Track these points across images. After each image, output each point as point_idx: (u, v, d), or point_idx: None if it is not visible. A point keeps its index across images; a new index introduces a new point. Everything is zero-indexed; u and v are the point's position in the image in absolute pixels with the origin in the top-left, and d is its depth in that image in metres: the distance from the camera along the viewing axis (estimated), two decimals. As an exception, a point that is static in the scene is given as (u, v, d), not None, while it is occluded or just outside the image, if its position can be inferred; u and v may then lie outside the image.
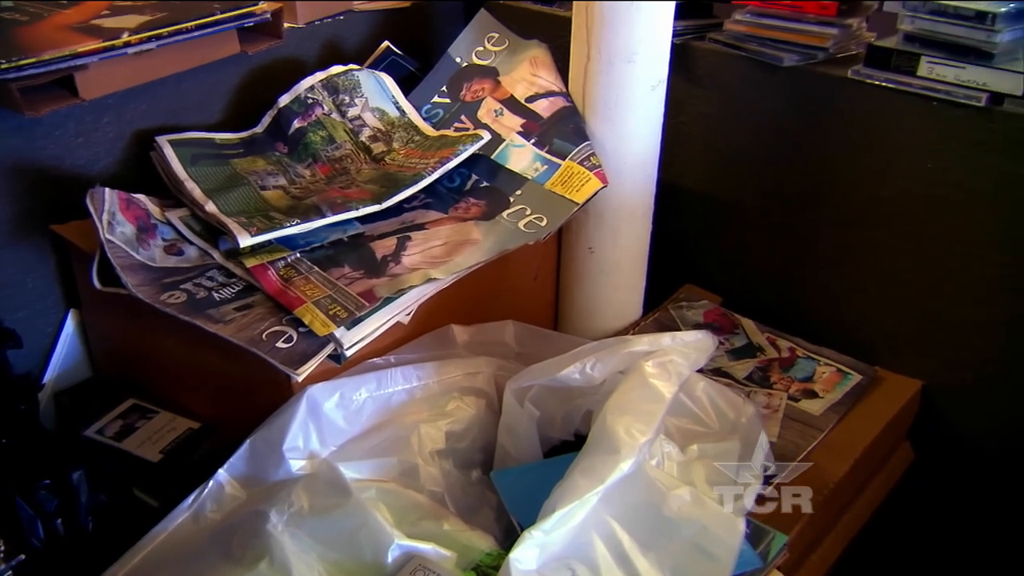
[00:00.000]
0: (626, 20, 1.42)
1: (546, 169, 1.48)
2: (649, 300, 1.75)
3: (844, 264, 1.64)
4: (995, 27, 1.34)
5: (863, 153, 1.54)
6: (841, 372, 1.59)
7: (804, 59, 1.55)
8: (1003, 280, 1.45)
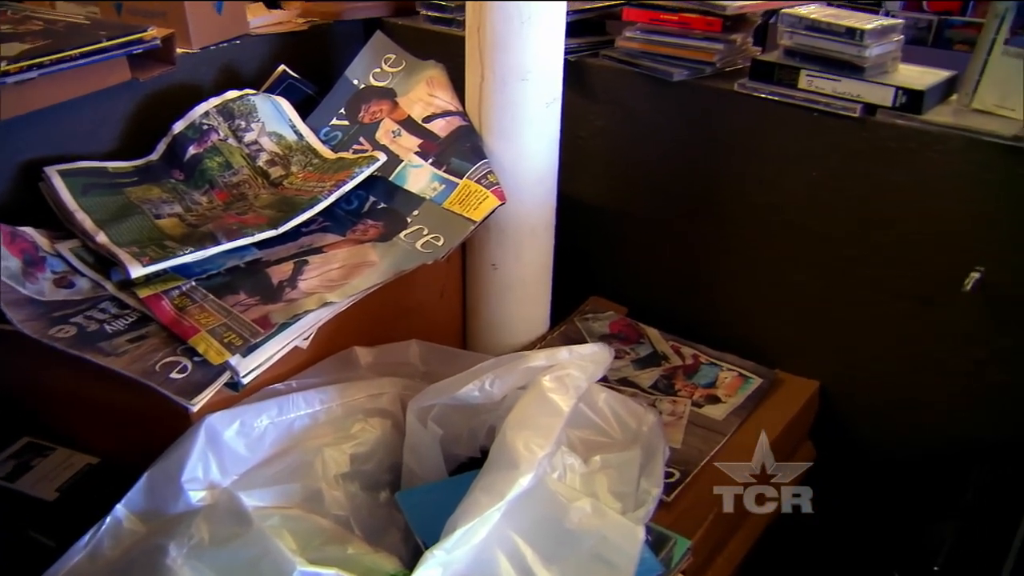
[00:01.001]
0: (517, 40, 1.44)
1: (444, 188, 1.50)
2: (556, 313, 1.78)
3: (742, 271, 1.69)
4: (864, 42, 1.40)
5: (753, 163, 1.59)
6: (743, 376, 1.64)
7: (693, 74, 1.59)
8: (884, 282, 1.52)
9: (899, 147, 1.42)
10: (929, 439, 1.58)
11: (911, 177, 1.43)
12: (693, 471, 1.42)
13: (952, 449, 1.55)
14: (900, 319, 1.53)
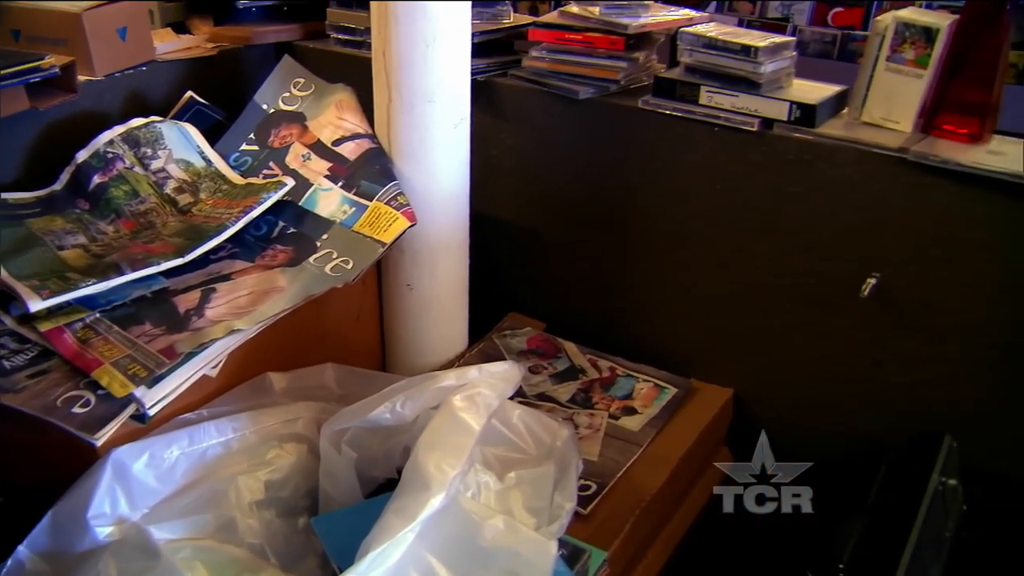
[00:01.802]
0: (422, 63, 1.45)
1: (354, 211, 1.50)
2: (475, 330, 1.79)
3: (654, 283, 1.72)
4: (758, 59, 1.45)
5: (660, 177, 1.63)
6: (658, 387, 1.67)
7: (599, 91, 1.63)
8: (788, 290, 1.56)
9: (796, 159, 1.47)
10: (839, 440, 1.63)
11: (808, 188, 1.48)
12: (610, 483, 1.44)
13: (861, 449, 1.60)
14: (805, 325, 1.58)
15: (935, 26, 1.38)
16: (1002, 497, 1.47)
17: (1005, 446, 1.47)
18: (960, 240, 1.39)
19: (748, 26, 3.24)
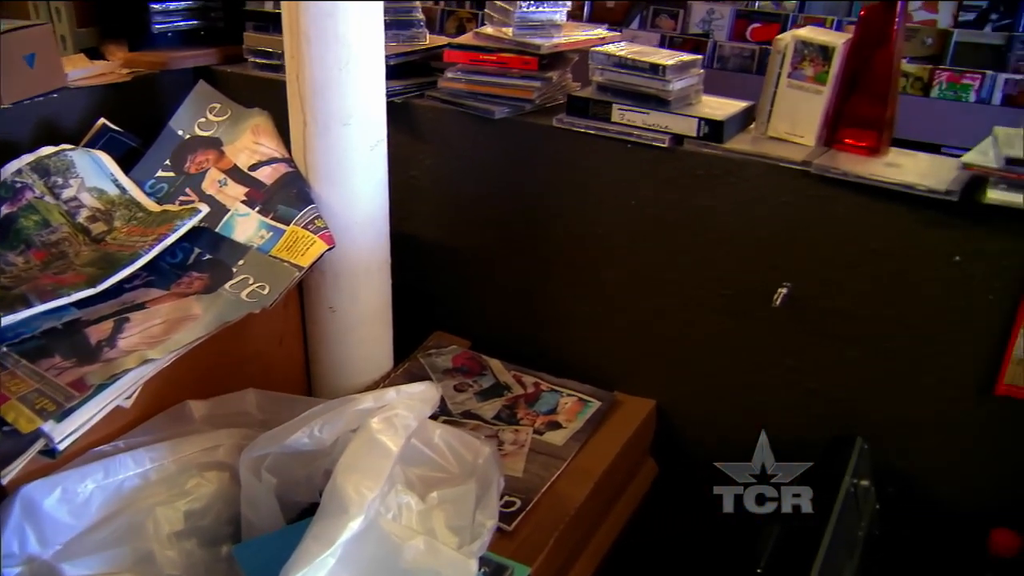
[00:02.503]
0: (337, 86, 1.46)
1: (271, 236, 1.50)
2: (401, 350, 1.79)
3: (575, 298, 1.75)
4: (666, 77, 1.48)
5: (577, 194, 1.65)
6: (582, 401, 1.69)
7: (514, 111, 1.65)
8: (705, 301, 1.60)
9: (705, 174, 1.51)
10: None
11: (718, 202, 1.52)
12: (534, 498, 1.45)
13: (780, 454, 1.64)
14: (722, 335, 1.62)
15: (831, 45, 1.43)
16: (912, 495, 1.52)
17: (913, 446, 1.52)
18: (862, 249, 1.44)
19: (670, 42, 3.31)
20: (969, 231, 1.36)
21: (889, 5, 1.40)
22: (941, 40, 2.91)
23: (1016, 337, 1.38)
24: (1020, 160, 1.29)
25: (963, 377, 1.45)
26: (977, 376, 1.43)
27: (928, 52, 2.93)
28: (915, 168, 1.42)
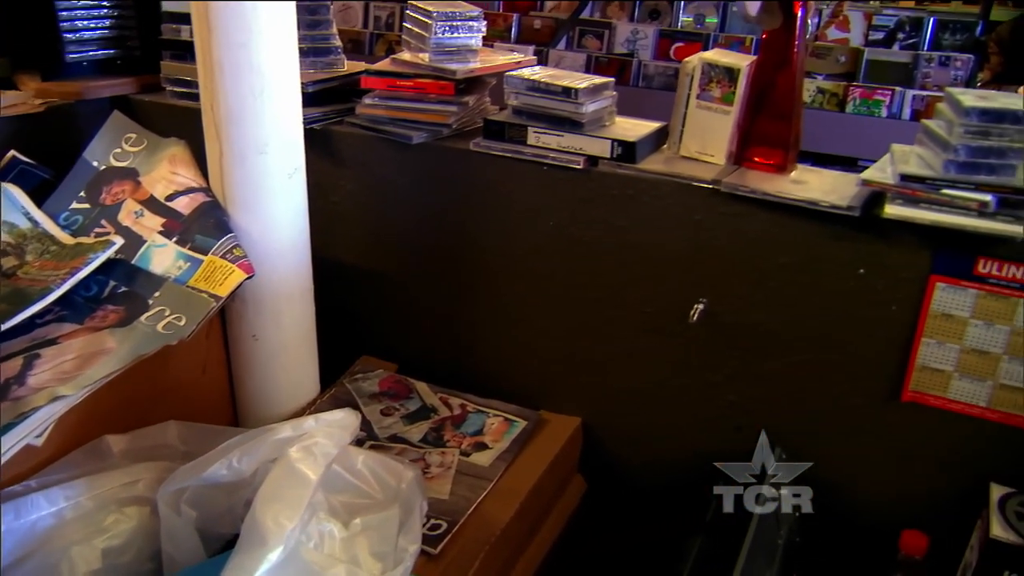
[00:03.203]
0: (252, 114, 1.46)
1: (189, 267, 1.49)
2: (329, 375, 1.79)
3: (499, 319, 1.77)
4: (579, 100, 1.51)
5: (497, 217, 1.68)
6: (508, 421, 1.70)
7: (432, 136, 1.67)
8: (625, 318, 1.63)
9: (620, 194, 1.54)
10: (685, 459, 1.70)
11: (634, 221, 1.55)
12: (460, 520, 1.46)
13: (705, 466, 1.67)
14: (643, 352, 1.65)
15: (736, 66, 1.48)
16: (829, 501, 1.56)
17: (828, 453, 1.56)
18: (773, 264, 1.48)
19: (596, 62, 3.37)
20: (871, 245, 1.42)
21: (789, 29, 1.45)
22: (854, 58, 3.01)
23: (918, 345, 1.43)
24: (914, 176, 1.34)
25: (872, 385, 1.50)
26: (884, 384, 1.48)
27: (842, 69, 3.03)
28: (820, 185, 1.47)
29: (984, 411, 1.43)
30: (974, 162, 1.31)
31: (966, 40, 2.97)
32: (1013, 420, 1.42)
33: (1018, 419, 1.41)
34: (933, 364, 1.44)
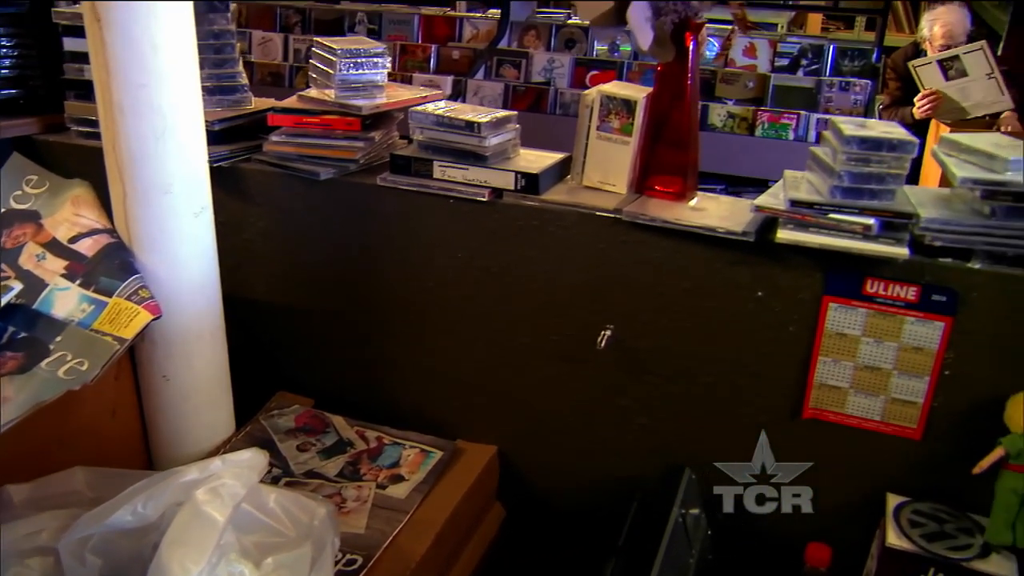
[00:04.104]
0: (155, 155, 1.45)
1: (93, 310, 1.47)
2: (245, 412, 1.78)
3: (413, 351, 1.78)
4: (482, 134, 1.54)
5: (407, 250, 1.69)
6: (424, 452, 1.71)
7: (339, 171, 1.68)
8: (536, 346, 1.66)
9: (526, 225, 1.57)
10: (602, 484, 1.73)
11: (540, 251, 1.58)
12: (376, 554, 1.46)
13: (621, 490, 1.70)
14: (555, 379, 1.67)
15: (633, 99, 1.52)
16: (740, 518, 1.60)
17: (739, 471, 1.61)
18: (676, 290, 1.53)
19: (514, 91, 3.42)
20: (767, 268, 1.47)
21: (682, 61, 1.50)
22: (761, 84, 3.11)
23: (815, 364, 1.49)
24: (803, 201, 1.40)
25: (775, 404, 1.54)
26: (787, 402, 1.53)
27: (751, 95, 3.13)
28: (717, 211, 1.52)
29: (879, 425, 1.49)
30: (857, 187, 1.38)
31: (864, 66, 3.10)
32: (906, 432, 1.48)
33: (910, 431, 1.47)
34: (830, 381, 1.50)
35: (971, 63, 2.88)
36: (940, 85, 2.92)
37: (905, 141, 1.37)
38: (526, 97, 3.33)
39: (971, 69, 2.88)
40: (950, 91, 2.92)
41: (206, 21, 1.73)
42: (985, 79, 2.90)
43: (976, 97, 2.93)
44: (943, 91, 2.91)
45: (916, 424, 1.47)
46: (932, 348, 1.43)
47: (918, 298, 1.41)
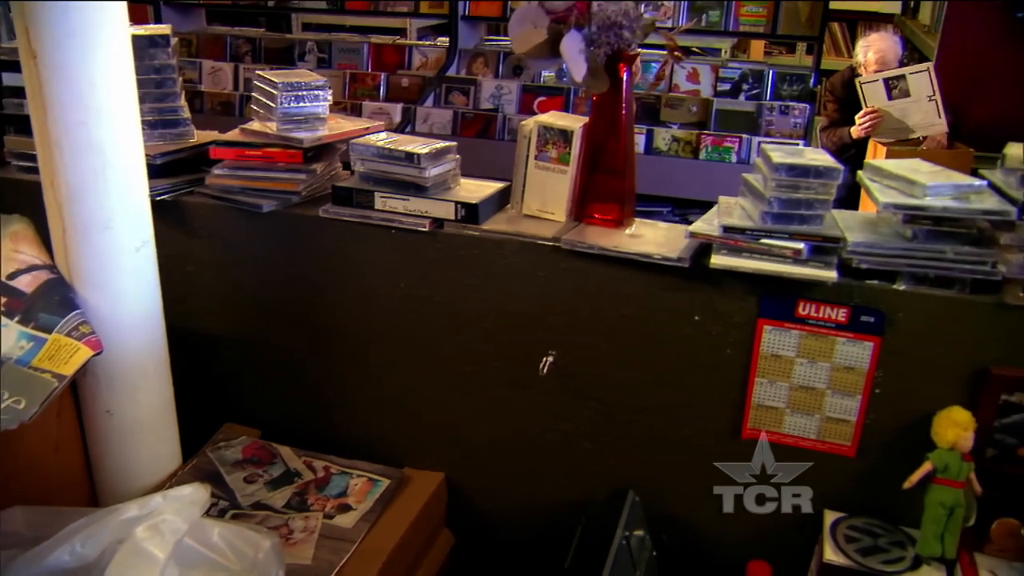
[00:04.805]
0: (94, 191, 1.46)
1: (32, 346, 1.46)
2: (192, 444, 1.77)
3: (359, 380, 1.79)
4: (422, 165, 1.57)
5: (351, 280, 1.71)
6: (372, 480, 1.72)
7: (282, 203, 1.69)
8: (481, 373, 1.68)
9: (467, 254, 1.59)
10: (549, 507, 1.75)
11: (482, 279, 1.60)
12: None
13: (568, 513, 1.72)
14: (500, 405, 1.69)
15: (570, 128, 1.56)
16: (684, 539, 1.63)
17: (679, 492, 1.63)
18: (615, 315, 1.56)
19: (463, 117, 3.45)
20: (703, 293, 1.50)
21: (616, 91, 1.53)
22: (704, 108, 3.17)
23: (752, 385, 1.52)
24: (735, 227, 1.44)
25: (715, 425, 1.58)
26: (727, 423, 1.57)
27: (694, 119, 3.19)
28: (654, 238, 1.56)
29: (815, 443, 1.53)
30: (787, 213, 1.42)
31: (802, 90, 3.18)
32: (841, 450, 1.52)
33: (845, 448, 1.51)
34: (767, 402, 1.53)
35: (915, 84, 2.97)
36: (882, 104, 3.01)
37: (831, 168, 1.41)
38: (475, 124, 3.36)
39: (914, 90, 2.97)
40: (891, 110, 3.01)
41: (147, 56, 1.74)
42: (926, 101, 2.99)
43: (915, 118, 3.02)
44: (885, 110, 3.00)
45: (850, 441, 1.51)
46: (863, 367, 1.47)
47: (848, 319, 1.45)
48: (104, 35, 1.42)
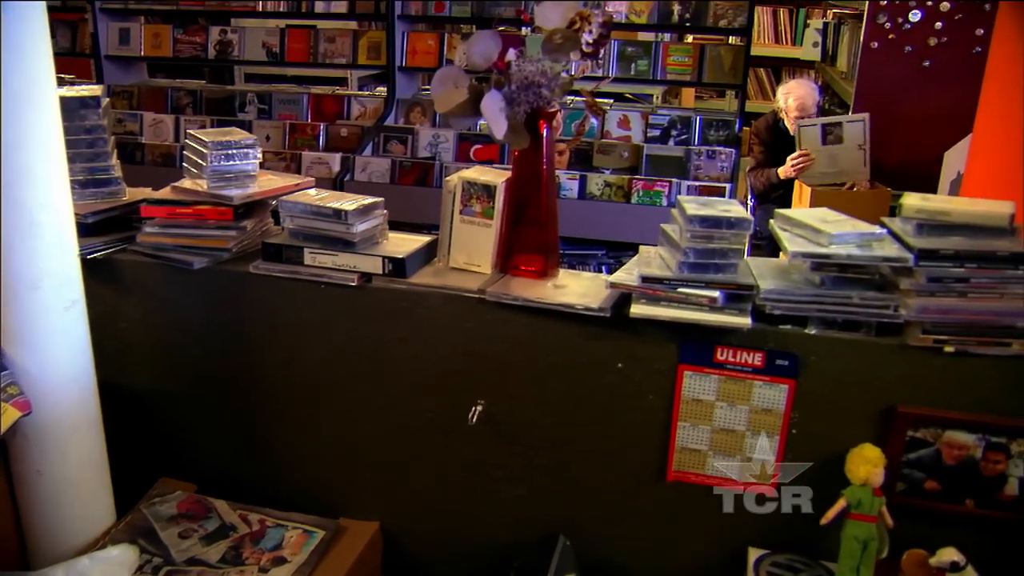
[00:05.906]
0: (20, 252, 1.47)
1: (-42, 411, 1.46)
2: (127, 501, 1.77)
3: (294, 433, 1.81)
4: (349, 221, 1.60)
5: (283, 335, 1.73)
6: (307, 532, 1.73)
7: (213, 260, 1.71)
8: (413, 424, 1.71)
9: (395, 307, 1.63)
10: (484, 553, 1.77)
11: (410, 332, 1.64)
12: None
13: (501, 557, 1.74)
14: (432, 454, 1.73)
15: (493, 183, 1.61)
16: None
17: (608, 535, 1.67)
18: (541, 364, 1.60)
19: (400, 166, 3.49)
20: (625, 341, 1.56)
21: (537, 147, 1.59)
22: (636, 154, 3.26)
23: (676, 429, 1.57)
24: (653, 277, 1.49)
25: (641, 469, 1.62)
26: (652, 467, 1.61)
27: (626, 164, 3.27)
28: (578, 288, 1.61)
29: (737, 483, 1.58)
30: (702, 263, 1.48)
31: (728, 135, 3.29)
32: (762, 488, 1.57)
33: (766, 487, 1.56)
34: (691, 445, 1.58)
35: (850, 132, 3.10)
36: (815, 148, 3.13)
37: (742, 219, 1.48)
38: (413, 172, 3.40)
39: (848, 138, 3.10)
40: (822, 155, 3.13)
41: (78, 117, 1.76)
42: (856, 149, 3.12)
43: (842, 165, 3.14)
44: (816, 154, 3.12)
45: (770, 480, 1.57)
46: (779, 409, 1.53)
47: (764, 363, 1.52)
48: (30, 97, 1.44)
